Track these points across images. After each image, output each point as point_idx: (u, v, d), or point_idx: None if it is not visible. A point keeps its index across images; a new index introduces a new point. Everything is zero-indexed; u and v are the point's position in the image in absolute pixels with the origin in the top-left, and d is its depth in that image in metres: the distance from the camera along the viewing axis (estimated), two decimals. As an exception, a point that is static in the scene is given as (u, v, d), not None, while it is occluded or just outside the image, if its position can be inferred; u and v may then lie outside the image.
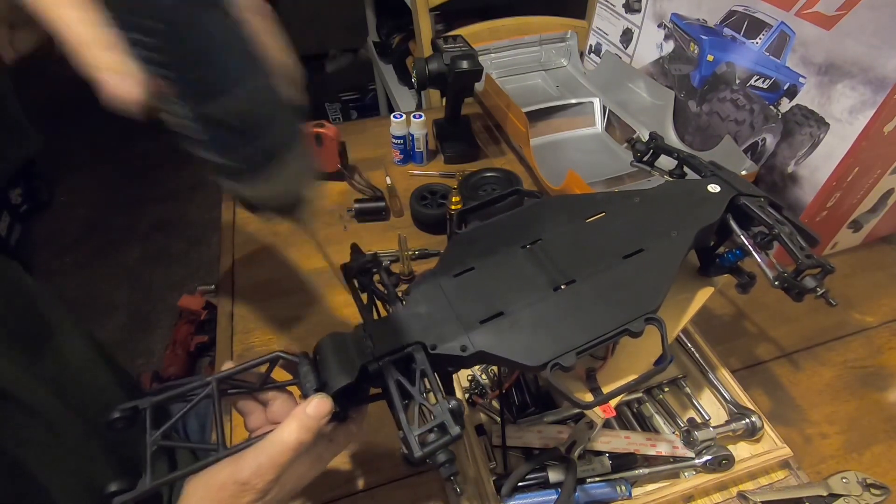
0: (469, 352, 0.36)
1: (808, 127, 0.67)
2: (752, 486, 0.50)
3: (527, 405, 0.54)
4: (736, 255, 0.46)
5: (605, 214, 0.45)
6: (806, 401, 0.59)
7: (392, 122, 0.89)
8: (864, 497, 0.49)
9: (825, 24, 0.62)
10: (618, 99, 0.95)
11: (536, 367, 0.35)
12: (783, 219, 0.43)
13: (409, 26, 1.58)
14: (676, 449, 0.50)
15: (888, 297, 0.71)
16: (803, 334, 0.66)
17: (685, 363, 0.59)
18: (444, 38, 0.86)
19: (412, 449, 0.31)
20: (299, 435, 0.33)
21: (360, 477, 0.53)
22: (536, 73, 1.10)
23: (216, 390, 0.36)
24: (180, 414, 0.36)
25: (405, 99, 1.71)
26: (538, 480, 0.48)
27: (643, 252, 0.41)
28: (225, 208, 0.86)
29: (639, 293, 0.38)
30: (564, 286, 0.39)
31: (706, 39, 0.79)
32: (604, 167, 0.87)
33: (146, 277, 1.92)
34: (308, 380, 0.36)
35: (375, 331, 0.37)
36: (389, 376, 0.35)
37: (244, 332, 0.67)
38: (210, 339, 1.60)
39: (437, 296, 0.39)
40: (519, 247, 0.43)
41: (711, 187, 0.46)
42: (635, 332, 0.36)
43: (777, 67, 0.69)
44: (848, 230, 0.74)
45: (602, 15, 1.02)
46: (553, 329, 0.36)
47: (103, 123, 2.64)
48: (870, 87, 0.59)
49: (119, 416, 0.34)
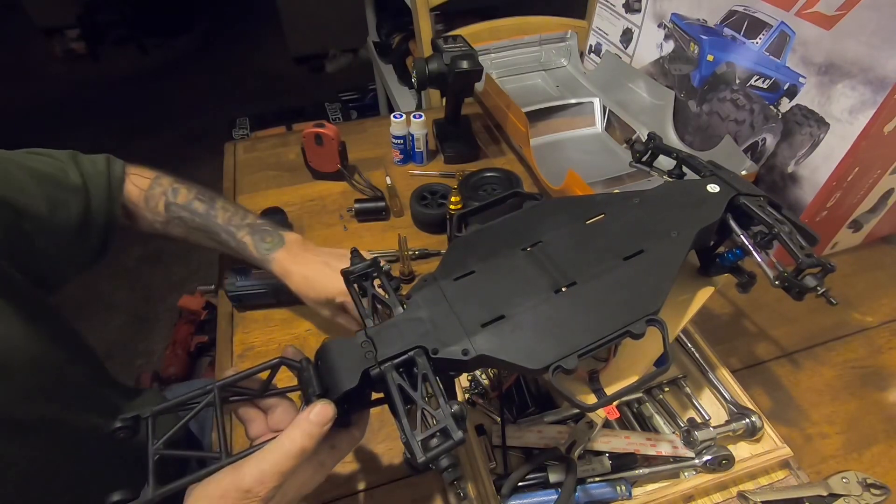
0: (471, 356, 0.36)
1: (808, 127, 0.67)
2: (752, 486, 0.51)
3: (527, 405, 0.54)
4: (736, 255, 0.46)
5: (605, 216, 0.45)
6: (806, 401, 0.59)
7: (392, 122, 0.89)
8: (864, 497, 0.49)
9: (825, 24, 0.62)
10: (618, 99, 0.95)
11: (539, 370, 0.35)
12: (783, 218, 0.43)
13: (409, 26, 1.59)
14: (676, 449, 0.50)
15: (888, 297, 0.71)
16: (803, 334, 0.66)
17: (685, 363, 0.59)
18: (444, 38, 0.86)
19: (415, 454, 0.31)
20: (302, 442, 0.33)
21: (360, 477, 0.53)
22: (536, 73, 1.10)
23: (217, 398, 0.36)
24: (182, 422, 0.36)
25: (405, 99, 1.71)
26: (538, 480, 0.48)
27: (643, 253, 0.41)
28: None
29: (640, 294, 0.38)
30: (565, 288, 0.39)
31: (706, 39, 0.79)
32: (604, 167, 0.87)
33: (146, 277, 1.92)
34: (310, 385, 0.36)
35: (377, 335, 0.37)
36: (391, 381, 0.35)
37: (244, 332, 0.67)
38: (210, 339, 1.60)
39: (438, 300, 0.39)
40: (519, 249, 0.43)
41: (711, 187, 0.46)
42: (637, 334, 0.36)
43: (777, 67, 0.69)
44: (848, 230, 0.74)
45: (602, 15, 1.02)
46: (555, 332, 0.37)
47: (103, 124, 2.65)
48: (870, 87, 0.59)
49: (121, 425, 0.34)
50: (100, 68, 3.12)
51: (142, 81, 3.01)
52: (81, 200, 0.56)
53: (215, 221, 0.61)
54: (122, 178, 0.61)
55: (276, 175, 0.92)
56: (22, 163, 0.53)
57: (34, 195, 0.52)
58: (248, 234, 0.60)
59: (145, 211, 0.62)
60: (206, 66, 3.13)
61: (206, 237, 0.63)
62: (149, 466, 0.33)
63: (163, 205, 0.62)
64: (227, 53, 3.22)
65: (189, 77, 3.04)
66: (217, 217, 0.62)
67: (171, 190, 0.62)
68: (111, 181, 0.59)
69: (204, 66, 3.13)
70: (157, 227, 0.63)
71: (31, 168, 0.53)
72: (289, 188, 0.89)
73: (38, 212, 0.52)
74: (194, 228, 0.62)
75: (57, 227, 0.54)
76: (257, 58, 3.14)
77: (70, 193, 0.55)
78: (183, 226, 0.62)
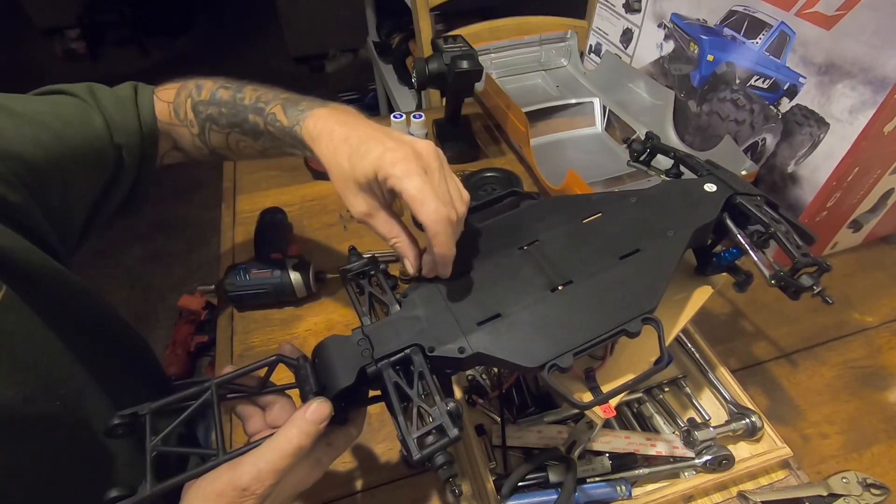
0: (467, 353, 0.36)
1: (808, 127, 0.67)
2: (752, 486, 0.50)
3: (526, 405, 0.54)
4: (733, 254, 0.46)
5: (602, 215, 0.45)
6: (806, 401, 0.59)
7: (392, 122, 0.89)
8: (864, 497, 0.49)
9: (825, 24, 0.62)
10: (618, 99, 0.95)
11: (534, 368, 0.35)
12: (779, 217, 0.43)
13: (409, 26, 1.59)
14: (676, 449, 0.50)
15: (888, 297, 0.70)
16: (803, 334, 0.66)
17: (685, 363, 0.59)
18: (444, 38, 0.86)
19: (411, 451, 0.32)
20: (298, 440, 0.33)
21: (360, 477, 0.53)
22: (536, 73, 1.10)
23: (215, 395, 0.36)
24: (180, 419, 0.36)
25: (405, 99, 1.71)
26: (538, 480, 0.48)
27: (640, 252, 0.41)
28: (225, 208, 0.86)
29: (636, 293, 0.38)
30: (562, 287, 0.39)
31: (706, 39, 0.79)
32: (604, 167, 0.87)
33: (146, 277, 1.92)
34: (307, 383, 0.36)
35: (374, 333, 0.37)
36: (388, 379, 0.35)
37: (244, 332, 0.67)
38: (210, 339, 1.60)
39: (434, 298, 0.39)
40: (516, 248, 0.43)
41: (708, 186, 0.46)
42: (632, 333, 0.36)
43: (777, 67, 0.69)
44: (848, 230, 0.74)
45: (602, 15, 1.02)
46: (550, 330, 0.37)
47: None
48: (870, 87, 0.59)
49: (119, 422, 0.34)
50: (100, 69, 3.12)
51: (142, 81, 3.01)
52: (109, 146, 0.51)
53: (243, 105, 0.52)
54: (151, 109, 0.55)
55: (275, 175, 0.92)
56: (37, 118, 0.47)
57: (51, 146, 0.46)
58: (280, 105, 0.50)
59: (179, 126, 0.55)
60: (206, 66, 3.13)
61: (241, 133, 0.53)
62: (146, 463, 0.33)
63: (191, 108, 0.54)
64: (227, 53, 3.23)
65: (189, 77, 3.04)
66: (244, 99, 0.52)
67: (196, 88, 0.55)
68: (141, 117, 0.54)
69: (204, 66, 3.13)
70: (197, 143, 0.56)
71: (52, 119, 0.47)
72: (289, 188, 0.89)
73: (55, 160, 0.46)
74: (227, 127, 0.53)
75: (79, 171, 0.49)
76: (257, 58, 3.15)
77: (95, 139, 0.50)
78: (217, 128, 0.54)
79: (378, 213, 0.42)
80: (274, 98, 0.51)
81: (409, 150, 0.40)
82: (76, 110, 0.50)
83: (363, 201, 0.42)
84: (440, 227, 0.37)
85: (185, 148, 0.58)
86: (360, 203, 0.42)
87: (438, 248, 0.38)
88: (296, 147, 0.50)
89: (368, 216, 0.42)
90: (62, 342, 0.46)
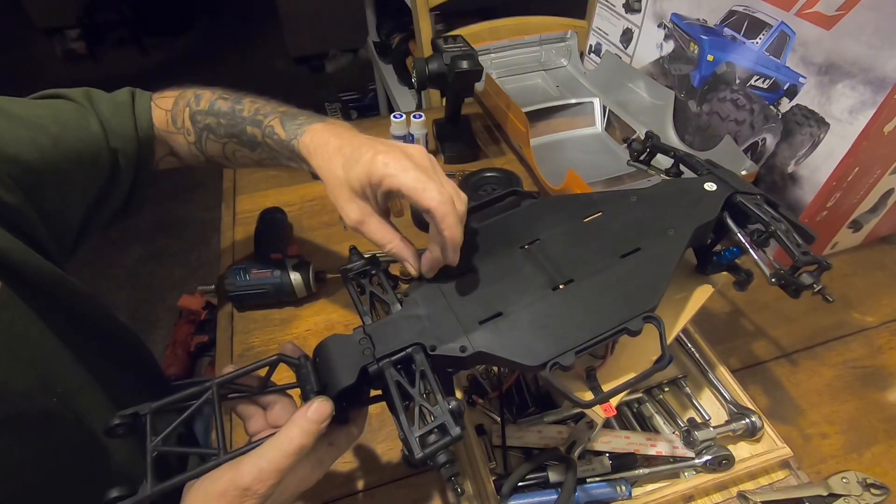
0: (468, 352, 0.36)
1: (808, 127, 0.67)
2: (752, 486, 0.50)
3: (527, 405, 0.54)
4: (733, 253, 0.46)
5: (603, 214, 0.45)
6: (806, 401, 0.59)
7: (392, 122, 0.89)
8: (864, 497, 0.49)
9: (825, 24, 0.62)
10: (618, 99, 0.95)
11: (536, 366, 0.35)
12: (779, 216, 0.43)
13: (409, 26, 1.59)
14: (676, 449, 0.50)
15: (888, 297, 0.70)
16: (803, 334, 0.66)
17: (685, 363, 0.59)
18: (444, 38, 0.86)
19: (413, 450, 0.31)
20: (300, 439, 0.33)
21: (360, 477, 0.53)
22: (536, 73, 1.10)
23: (216, 394, 0.36)
24: (180, 419, 0.35)
25: (405, 99, 1.71)
26: (538, 480, 0.48)
27: (640, 251, 0.41)
28: (225, 208, 0.86)
29: (636, 292, 0.38)
30: (563, 286, 0.39)
31: (706, 39, 0.79)
32: (604, 167, 0.87)
33: (146, 277, 1.92)
34: (308, 382, 0.36)
35: (375, 332, 0.37)
36: (389, 378, 0.35)
37: (244, 332, 0.67)
38: (210, 339, 1.60)
39: (436, 297, 0.39)
40: (517, 247, 0.43)
41: (708, 185, 0.46)
42: (634, 331, 0.36)
43: (777, 67, 0.69)
44: (848, 230, 0.74)
45: (602, 15, 1.02)
46: (552, 329, 0.37)
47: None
48: (870, 87, 0.59)
49: (119, 422, 0.34)
50: (100, 68, 3.12)
51: (142, 81, 2.95)
52: (105, 152, 0.51)
53: (241, 116, 0.53)
54: (149, 115, 0.55)
55: (275, 175, 0.92)
56: (34, 122, 0.47)
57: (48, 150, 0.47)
58: (278, 118, 0.52)
59: (176, 133, 0.56)
60: (206, 66, 3.13)
61: (238, 144, 0.54)
62: (147, 463, 0.33)
63: (188, 118, 0.55)
64: (228, 53, 3.22)
65: (189, 77, 3.02)
66: (243, 111, 0.53)
67: (194, 98, 0.55)
68: (137, 122, 0.54)
69: (204, 66, 3.13)
70: (193, 150, 0.57)
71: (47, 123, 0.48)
72: (288, 188, 0.89)
73: (52, 164, 0.47)
74: (224, 137, 0.54)
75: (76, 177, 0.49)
76: (257, 58, 3.15)
77: (92, 142, 0.50)
78: (213, 138, 0.55)
79: (371, 218, 0.43)
80: (272, 111, 0.53)
81: (400, 152, 0.41)
82: (73, 114, 0.51)
83: (357, 207, 0.43)
84: (447, 208, 0.37)
85: (181, 155, 0.58)
86: (354, 209, 0.43)
87: (447, 230, 0.37)
88: (292, 160, 0.51)
89: (361, 223, 0.43)
90: (59, 341, 0.47)
